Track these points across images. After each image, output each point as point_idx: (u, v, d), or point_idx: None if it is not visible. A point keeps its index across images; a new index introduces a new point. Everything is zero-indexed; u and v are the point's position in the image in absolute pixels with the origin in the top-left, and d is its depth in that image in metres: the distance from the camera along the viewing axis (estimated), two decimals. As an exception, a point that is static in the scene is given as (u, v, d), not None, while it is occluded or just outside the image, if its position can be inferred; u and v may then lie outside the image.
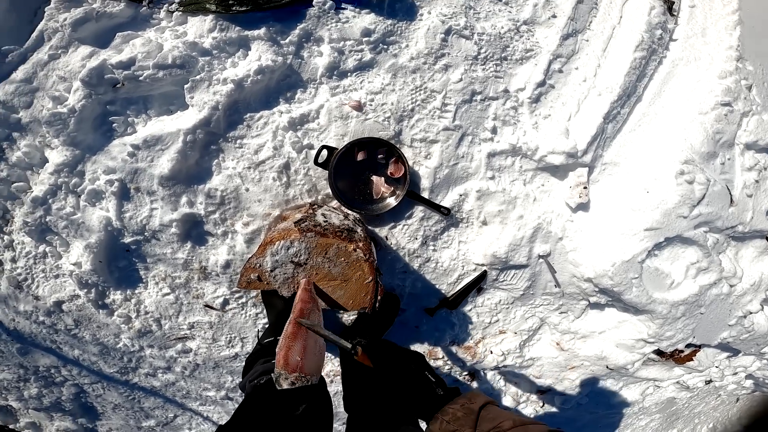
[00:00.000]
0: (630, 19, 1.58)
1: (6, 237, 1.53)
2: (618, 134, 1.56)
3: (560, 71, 1.54)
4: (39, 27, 1.38)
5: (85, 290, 1.56)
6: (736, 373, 2.09)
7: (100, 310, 1.61)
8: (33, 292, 1.58)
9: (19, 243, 1.53)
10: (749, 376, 2.19)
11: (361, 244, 1.08)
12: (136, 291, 1.59)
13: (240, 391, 1.34)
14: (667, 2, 1.64)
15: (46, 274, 1.56)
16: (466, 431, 0.89)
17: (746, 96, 1.58)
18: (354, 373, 1.11)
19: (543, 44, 1.54)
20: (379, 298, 1.12)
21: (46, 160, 1.47)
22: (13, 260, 1.55)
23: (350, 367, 1.13)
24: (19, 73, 1.40)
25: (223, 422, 1.97)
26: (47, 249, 1.53)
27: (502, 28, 1.51)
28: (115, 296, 1.59)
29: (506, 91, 1.51)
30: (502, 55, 1.51)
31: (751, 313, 1.72)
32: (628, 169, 1.52)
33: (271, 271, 1.08)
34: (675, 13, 1.66)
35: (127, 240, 1.49)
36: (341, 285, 1.11)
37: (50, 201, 1.46)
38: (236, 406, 1.85)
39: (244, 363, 1.72)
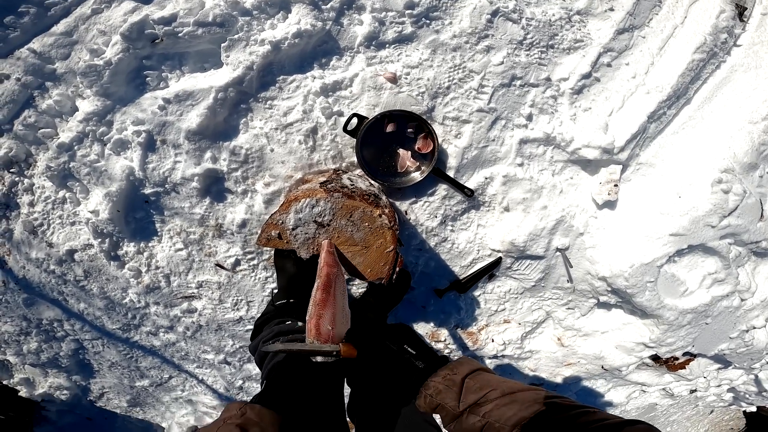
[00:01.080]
0: (695, 21, 1.53)
1: (26, 180, 1.54)
2: (659, 135, 1.54)
3: (609, 65, 1.51)
4: None
5: (99, 239, 1.58)
6: (719, 385, 2.13)
7: (112, 262, 1.64)
8: (47, 238, 1.60)
9: (39, 187, 1.55)
10: (731, 389, 2.22)
11: (387, 210, 1.09)
12: (150, 244, 1.62)
13: (250, 353, 1.35)
14: (739, 7, 1.60)
15: (62, 220, 1.59)
16: (449, 404, 0.85)
17: (800, 110, 1.55)
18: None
19: (594, 36, 1.51)
20: (397, 269, 1.12)
21: (76, 109, 1.48)
22: (31, 204, 1.57)
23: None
24: (60, 26, 1.42)
25: (218, 386, 1.99)
26: (67, 195, 1.55)
27: (554, 15, 1.48)
28: (128, 248, 1.62)
29: (548, 79, 1.49)
30: (549, 42, 1.48)
31: (754, 328, 1.74)
32: (663, 171, 1.51)
33: (293, 229, 1.09)
34: (745, 19, 1.62)
35: (147, 191, 1.52)
36: (361, 251, 1.12)
37: (76, 148, 1.48)
38: (233, 371, 1.89)
39: (247, 327, 1.76)
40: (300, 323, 1.23)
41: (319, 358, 0.85)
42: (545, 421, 0.71)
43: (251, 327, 1.77)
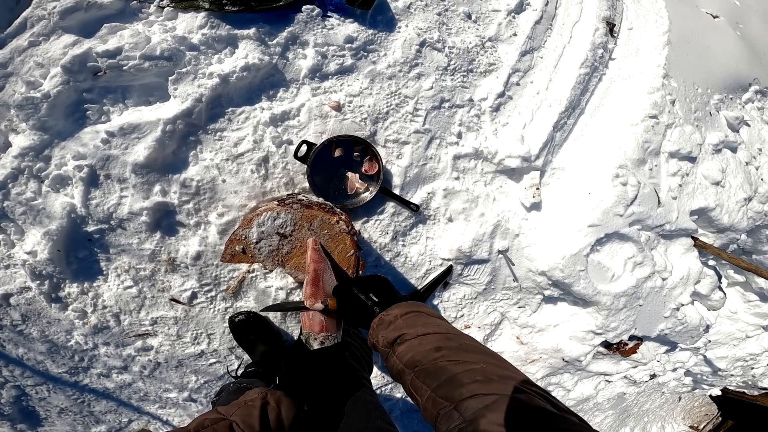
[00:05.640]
0: (578, 39, 1.96)
1: (-48, 223, 1.51)
2: (565, 142, 1.89)
3: (518, 84, 1.86)
4: (24, 14, 1.45)
5: (38, 282, 1.55)
6: (675, 369, 2.45)
7: (53, 304, 1.60)
8: (-23, 283, 1.55)
9: (-34, 230, 1.51)
10: (687, 372, 2.56)
11: (343, 217, 1.25)
12: (95, 284, 1.61)
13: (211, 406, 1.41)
14: (609, 24, 2.05)
15: (-6, 264, 1.55)
16: (380, 342, 0.90)
17: (670, 110, 1.99)
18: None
19: (504, 59, 1.86)
20: (360, 272, 1.28)
21: (9, 145, 1.50)
22: (-42, 249, 1.53)
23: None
24: (-7, 59, 1.43)
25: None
26: (0, 237, 1.53)
27: (470, 43, 1.81)
28: (71, 289, 1.60)
29: (471, 100, 1.80)
30: (469, 67, 1.81)
31: (682, 305, 2.08)
32: (573, 172, 1.84)
33: (257, 243, 1.21)
34: (615, 35, 2.07)
35: (91, 228, 1.53)
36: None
37: (10, 185, 1.48)
38: (200, 407, 1.88)
39: (211, 361, 1.79)
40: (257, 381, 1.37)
41: (315, 345, 0.96)
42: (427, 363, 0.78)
43: (214, 360, 1.79)
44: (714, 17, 2.61)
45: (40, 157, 1.48)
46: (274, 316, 1.75)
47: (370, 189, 1.66)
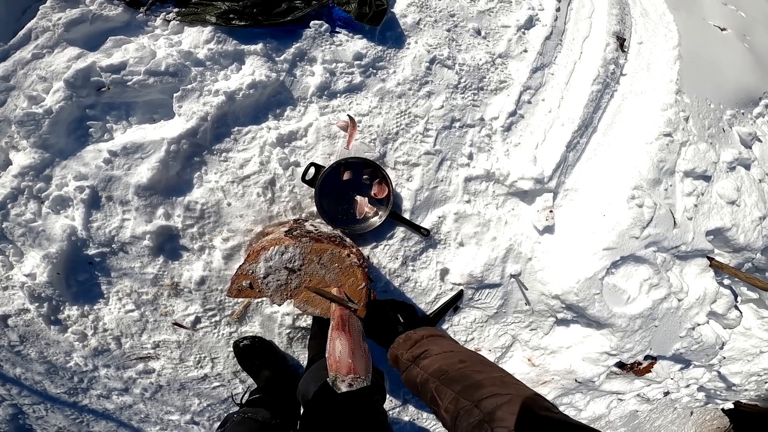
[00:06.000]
0: (588, 55, 1.92)
1: (-52, 244, 1.48)
2: (578, 162, 1.84)
3: (529, 102, 1.82)
4: (28, 25, 1.42)
5: (37, 304, 1.53)
6: (688, 385, 2.41)
7: (52, 326, 1.57)
8: (-25, 305, 1.51)
9: (-36, 251, 1.48)
10: (701, 388, 2.51)
11: (354, 249, 1.21)
12: (95, 307, 1.58)
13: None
14: (619, 39, 2.01)
15: (-7, 285, 1.51)
16: (403, 356, 1.05)
17: (684, 127, 1.95)
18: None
19: (515, 76, 1.82)
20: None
21: (10, 163, 1.47)
22: (-45, 270, 1.50)
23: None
24: (-4, 71, 1.41)
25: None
26: (-2, 259, 1.50)
27: (480, 60, 1.77)
28: (71, 312, 1.57)
29: (482, 119, 1.76)
30: (480, 85, 1.77)
31: (698, 324, 2.04)
32: (586, 194, 1.80)
33: (264, 278, 1.17)
34: (626, 50, 2.03)
35: (92, 252, 1.50)
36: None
37: (9, 206, 1.45)
38: (202, 431, 1.84)
39: (214, 384, 1.75)
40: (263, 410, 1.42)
41: (343, 388, 0.94)
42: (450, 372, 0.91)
43: (218, 384, 1.75)
44: (722, 30, 2.57)
45: (40, 176, 1.45)
46: (279, 342, 1.71)
47: (380, 213, 1.62)
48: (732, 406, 2.99)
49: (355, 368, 0.95)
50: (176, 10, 1.51)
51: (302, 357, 1.76)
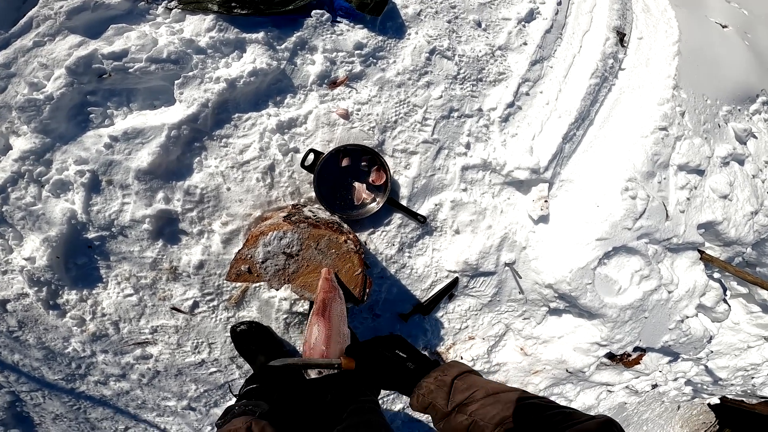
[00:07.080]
0: (588, 49, 1.95)
1: (-52, 227, 1.49)
2: (573, 154, 1.88)
3: (527, 94, 1.86)
4: (30, 13, 1.44)
5: (36, 288, 1.54)
6: (676, 379, 2.47)
7: (51, 311, 1.59)
8: (-26, 289, 1.53)
9: (-37, 235, 1.50)
10: (688, 382, 2.57)
11: (351, 236, 1.24)
12: (94, 291, 1.60)
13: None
14: (619, 34, 2.05)
15: (-8, 269, 1.53)
16: (439, 403, 0.95)
17: (680, 121, 1.99)
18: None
19: (514, 68, 1.85)
20: (368, 291, 1.27)
21: (10, 147, 1.48)
22: (-46, 254, 1.51)
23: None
24: (-3, 58, 1.42)
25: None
26: (-2, 242, 1.52)
27: (480, 51, 1.81)
28: (70, 296, 1.59)
29: (480, 110, 1.79)
30: (479, 76, 1.80)
31: (687, 317, 2.09)
32: (581, 185, 1.84)
33: (263, 262, 1.20)
34: (625, 45, 2.07)
35: (91, 235, 1.52)
36: (331, 277, 1.26)
37: (9, 190, 1.47)
38: (199, 416, 1.88)
39: (211, 370, 1.78)
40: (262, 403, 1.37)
41: (312, 374, 0.97)
42: (524, 420, 0.83)
43: (215, 370, 1.78)
44: (723, 27, 2.61)
45: (41, 161, 1.47)
46: (276, 327, 1.74)
47: (377, 200, 1.65)
48: (718, 401, 3.04)
49: (328, 356, 0.97)
50: (178, -4, 1.53)
51: (299, 342, 1.80)
